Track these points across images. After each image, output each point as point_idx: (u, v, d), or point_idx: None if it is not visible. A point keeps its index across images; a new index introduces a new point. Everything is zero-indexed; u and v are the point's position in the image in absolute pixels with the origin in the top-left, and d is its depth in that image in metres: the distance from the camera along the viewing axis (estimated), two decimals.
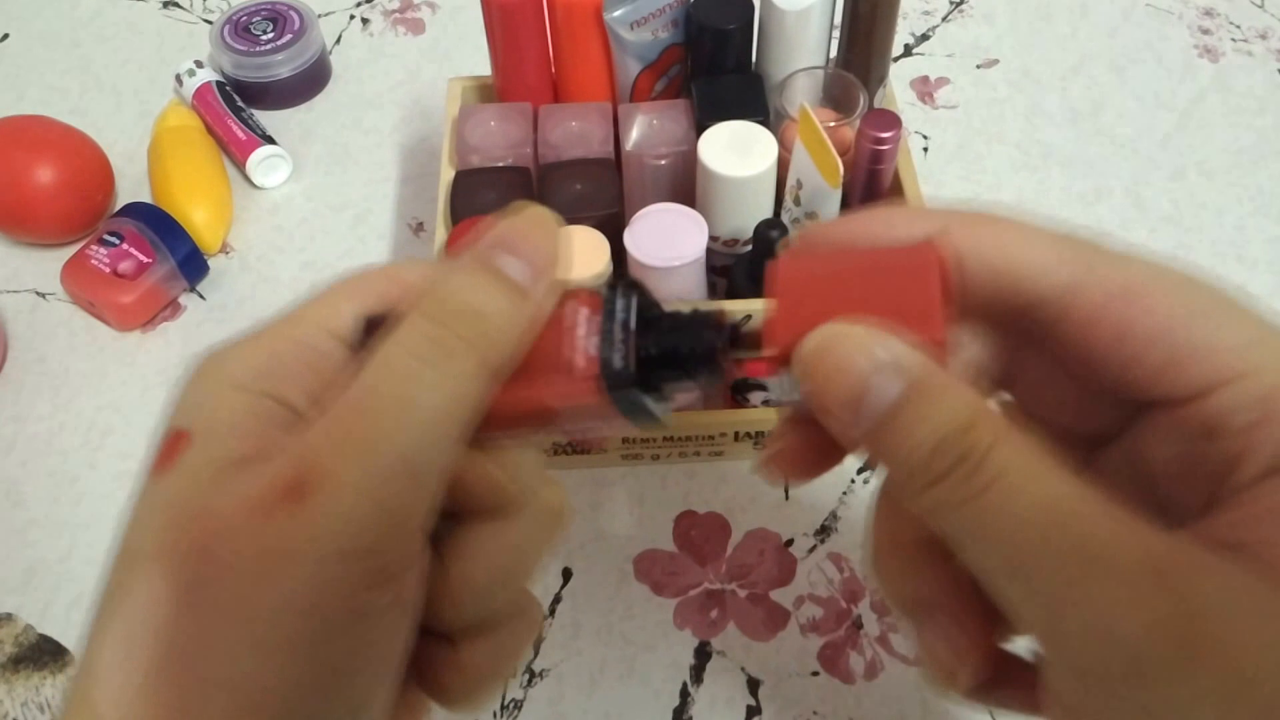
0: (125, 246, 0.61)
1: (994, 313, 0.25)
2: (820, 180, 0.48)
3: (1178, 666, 0.19)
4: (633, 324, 0.24)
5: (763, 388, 0.49)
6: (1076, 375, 0.24)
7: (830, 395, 0.22)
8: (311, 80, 0.74)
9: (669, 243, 0.49)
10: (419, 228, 0.67)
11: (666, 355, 0.24)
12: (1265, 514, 0.21)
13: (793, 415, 0.26)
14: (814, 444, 0.25)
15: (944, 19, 0.78)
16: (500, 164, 0.55)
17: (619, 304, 0.25)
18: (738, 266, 0.53)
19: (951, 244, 0.24)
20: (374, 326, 0.24)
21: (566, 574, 0.52)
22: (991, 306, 0.24)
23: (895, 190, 0.54)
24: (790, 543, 0.53)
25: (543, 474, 0.26)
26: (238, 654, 0.20)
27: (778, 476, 0.26)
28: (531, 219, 0.24)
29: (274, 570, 0.20)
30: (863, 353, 0.22)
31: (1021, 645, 0.25)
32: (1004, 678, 0.25)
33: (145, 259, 0.61)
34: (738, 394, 0.41)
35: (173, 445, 0.23)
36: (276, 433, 0.23)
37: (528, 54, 0.56)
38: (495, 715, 0.48)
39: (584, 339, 0.24)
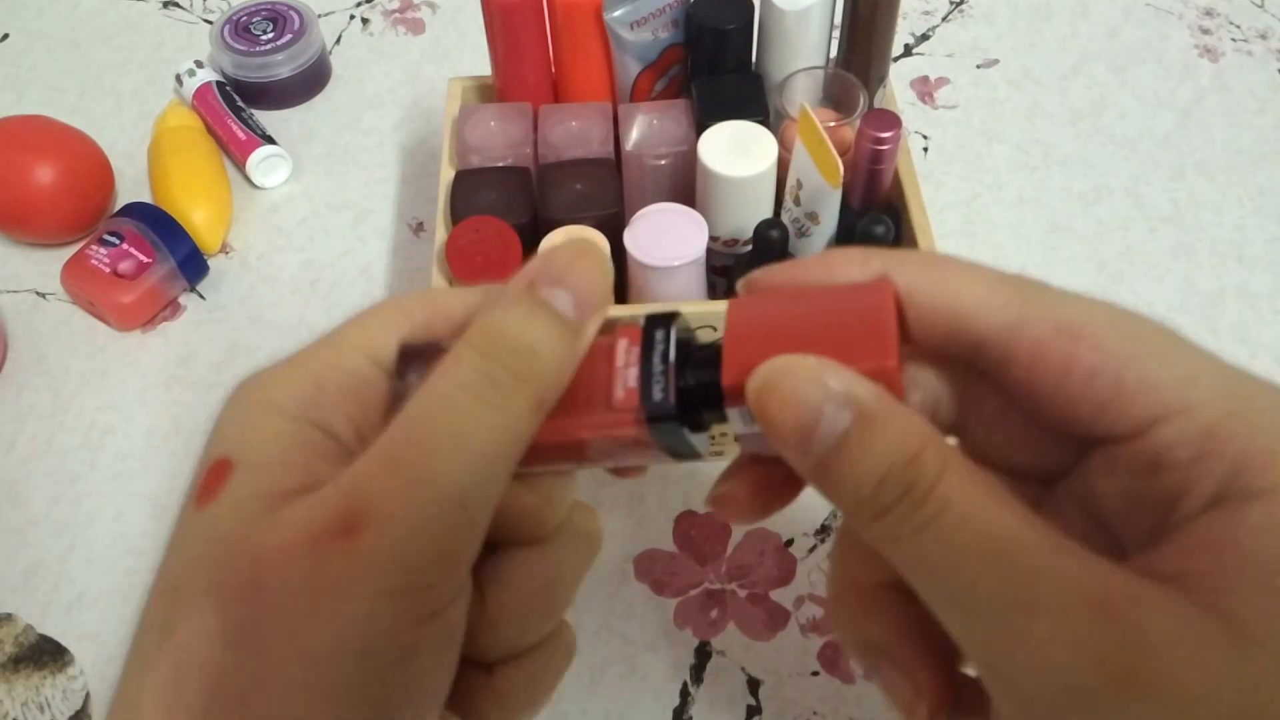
0: (125, 246, 0.61)
1: (942, 354, 0.25)
2: (820, 180, 0.48)
3: (1118, 697, 0.20)
4: (672, 355, 0.24)
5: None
6: (1025, 413, 0.25)
7: (781, 425, 0.22)
8: (311, 80, 0.74)
9: (669, 243, 0.49)
10: (419, 228, 0.67)
11: (706, 387, 0.24)
12: (1206, 546, 0.21)
13: (744, 456, 0.26)
14: (763, 484, 0.26)
15: (944, 19, 0.78)
16: (500, 164, 0.54)
17: (658, 335, 0.25)
18: (738, 267, 0.53)
19: (897, 284, 0.24)
20: (410, 355, 0.24)
21: None
22: (939, 348, 0.25)
23: (895, 190, 0.54)
24: (790, 543, 0.53)
25: (576, 500, 0.27)
26: (289, 694, 0.20)
27: (727, 517, 0.27)
28: (579, 250, 0.24)
29: (326, 608, 0.20)
30: (814, 383, 0.22)
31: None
32: (969, 705, 0.25)
33: (145, 259, 0.61)
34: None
35: (217, 475, 0.22)
36: (323, 464, 0.23)
37: (528, 54, 0.55)
38: None
39: (623, 370, 0.24)
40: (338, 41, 0.78)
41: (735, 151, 0.50)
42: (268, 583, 0.20)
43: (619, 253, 0.50)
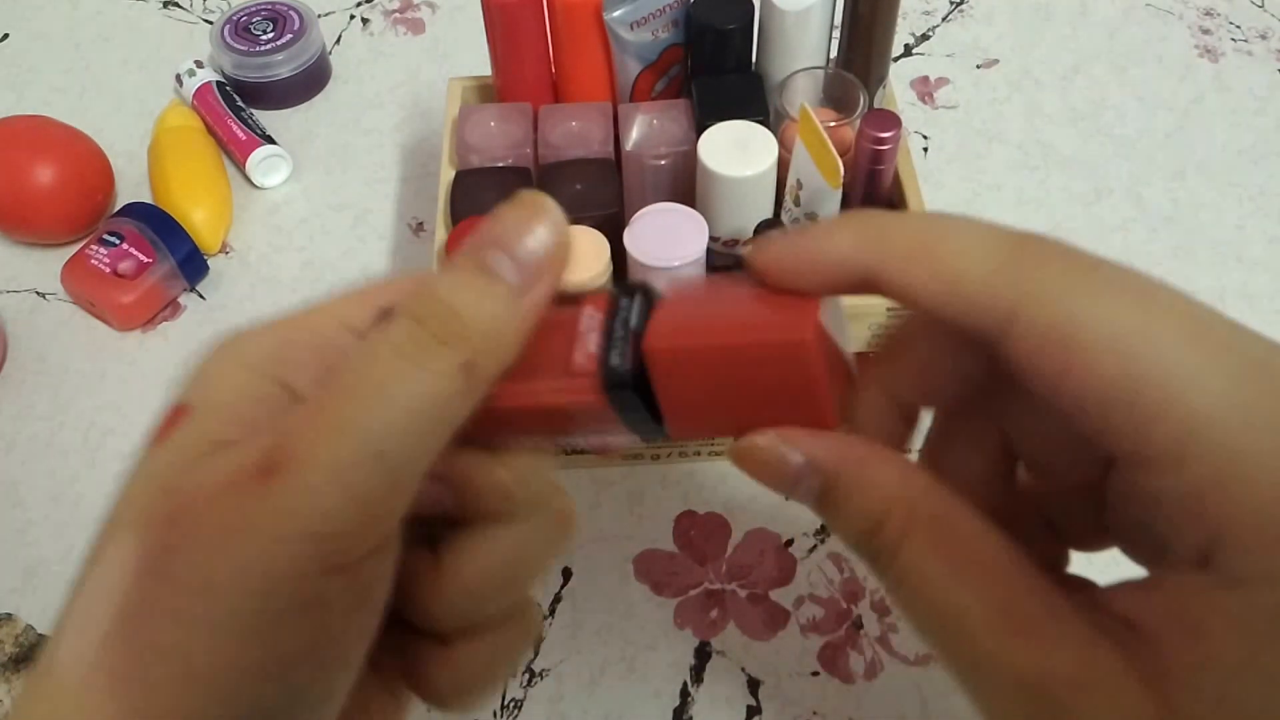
0: (125, 246, 0.61)
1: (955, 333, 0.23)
2: (820, 180, 0.48)
3: None
4: (633, 323, 0.24)
5: None
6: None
7: (769, 484, 0.24)
8: (311, 80, 0.74)
9: (669, 243, 0.49)
10: (419, 228, 0.67)
11: None
12: (1181, 618, 0.20)
13: None
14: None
15: (944, 19, 0.78)
16: (500, 164, 0.54)
17: (623, 302, 0.24)
18: (738, 267, 0.53)
19: (886, 270, 0.23)
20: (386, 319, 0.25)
21: (566, 574, 0.52)
22: (949, 328, 0.23)
23: (895, 190, 0.54)
24: (790, 543, 0.53)
25: (553, 483, 0.26)
26: (190, 626, 0.20)
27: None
28: (530, 210, 0.24)
29: (233, 546, 0.20)
30: (779, 456, 0.24)
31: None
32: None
33: (145, 259, 0.61)
34: None
35: (172, 420, 0.23)
36: (275, 417, 0.23)
37: (528, 54, 0.55)
38: (495, 715, 0.48)
39: (585, 335, 0.24)
40: (338, 41, 0.78)
41: (735, 151, 0.50)
42: (183, 518, 0.21)
43: (619, 253, 0.50)
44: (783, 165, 0.51)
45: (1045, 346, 0.21)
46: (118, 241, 0.61)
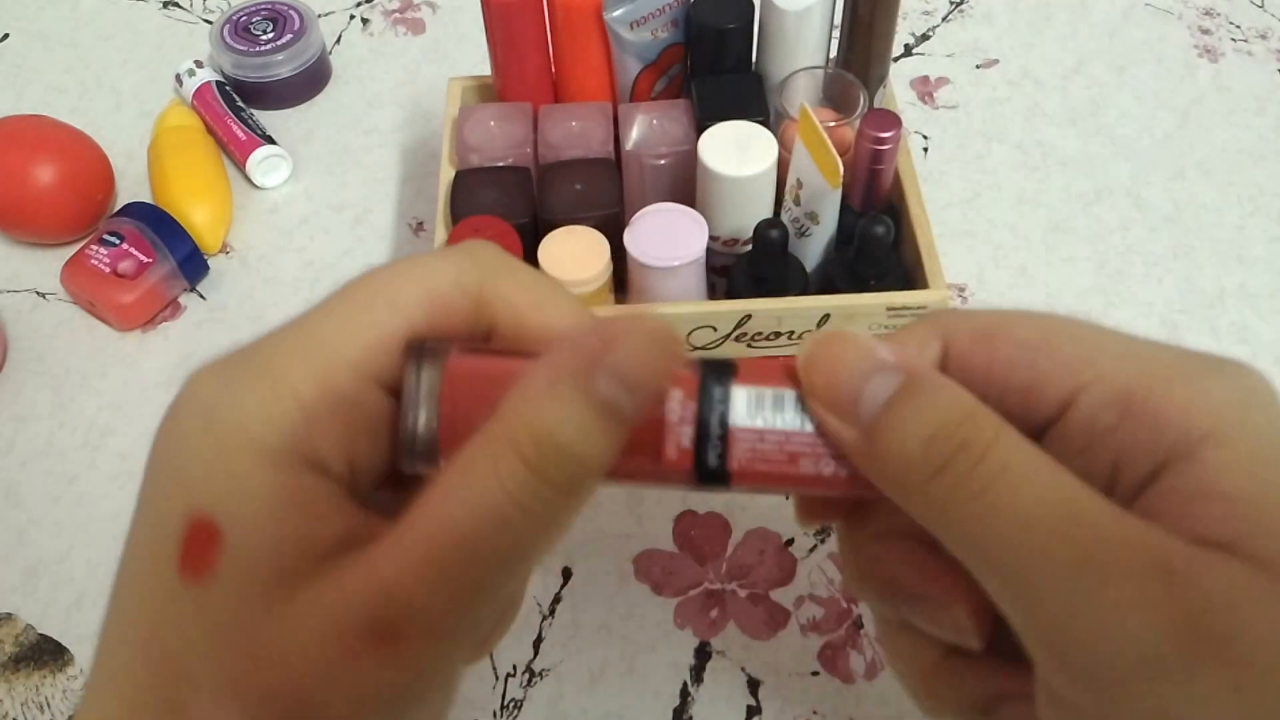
0: (125, 246, 0.61)
1: None
2: (820, 180, 0.48)
3: (1190, 664, 0.19)
4: (729, 420, 0.24)
5: None
6: None
7: (827, 394, 0.22)
8: (311, 80, 0.74)
9: (669, 243, 0.49)
10: (419, 227, 0.67)
11: None
12: (1186, 502, 0.21)
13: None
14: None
15: (944, 19, 0.78)
16: (500, 164, 0.55)
17: (716, 393, 0.24)
18: (738, 267, 0.53)
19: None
20: (419, 353, 0.23)
21: (566, 574, 0.52)
22: None
23: (895, 190, 0.54)
24: (790, 542, 0.53)
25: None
26: None
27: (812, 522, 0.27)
28: (646, 337, 0.21)
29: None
30: (860, 350, 0.22)
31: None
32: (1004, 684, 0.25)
33: (145, 259, 0.61)
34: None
35: (203, 544, 0.20)
36: (320, 514, 0.21)
37: (528, 54, 0.55)
38: (495, 715, 0.48)
39: (677, 427, 0.24)
40: (338, 41, 0.78)
41: (735, 151, 0.50)
42: (310, 695, 0.19)
43: (619, 253, 0.51)
44: (782, 165, 0.52)
45: (970, 347, 0.24)
46: (118, 241, 0.61)
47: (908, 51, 0.76)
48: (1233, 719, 0.19)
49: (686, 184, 0.53)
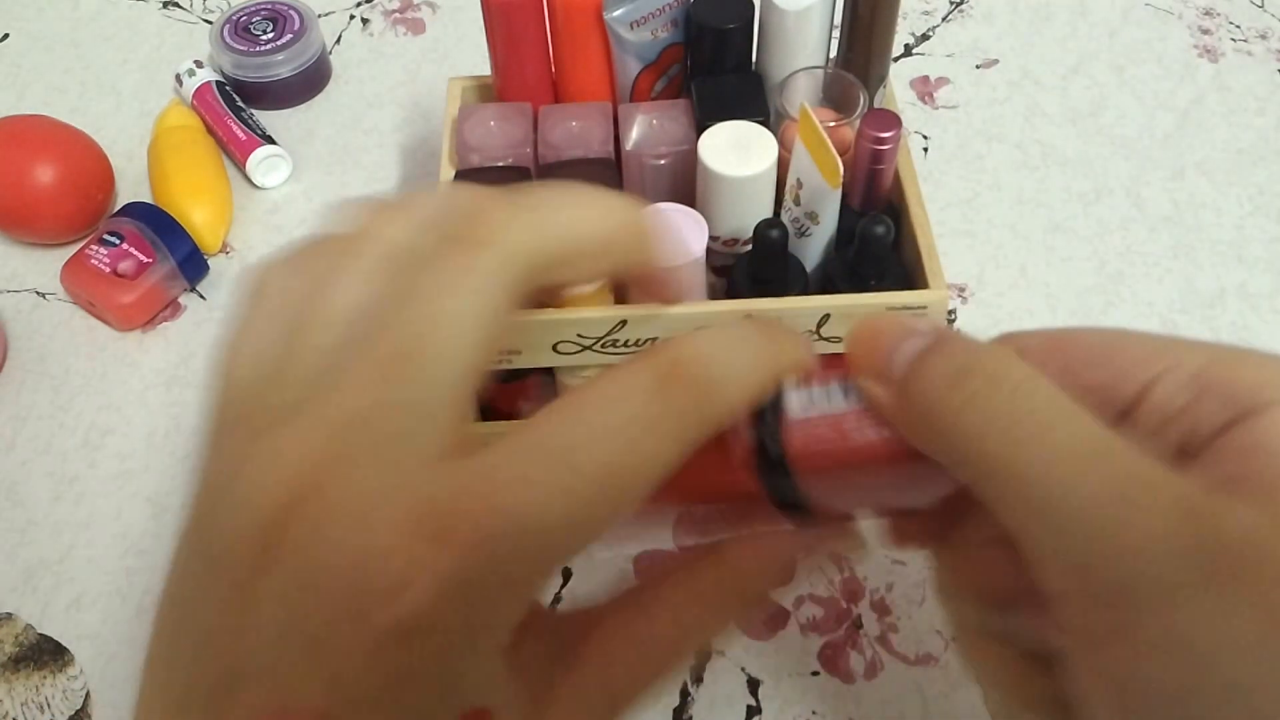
0: (125, 246, 0.61)
1: None
2: (820, 180, 0.48)
3: (1203, 589, 0.21)
4: (785, 413, 0.25)
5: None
6: None
7: (867, 359, 0.25)
8: (311, 80, 0.74)
9: (668, 243, 0.49)
10: None
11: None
12: (1234, 459, 0.23)
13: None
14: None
15: (944, 19, 0.78)
16: (500, 164, 0.54)
17: (769, 397, 0.25)
18: (738, 266, 0.53)
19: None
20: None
21: (566, 574, 0.52)
22: None
23: (896, 190, 0.54)
24: None
25: None
26: None
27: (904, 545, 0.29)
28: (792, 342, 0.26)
29: None
30: (898, 322, 0.25)
31: None
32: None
33: (145, 259, 0.61)
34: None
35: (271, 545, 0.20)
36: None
37: (527, 54, 0.55)
38: None
39: (740, 431, 0.25)
40: (338, 41, 0.78)
41: (736, 151, 0.50)
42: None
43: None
44: (782, 165, 0.51)
45: (1046, 355, 0.26)
46: (118, 241, 0.61)
47: (908, 51, 0.76)
48: (1237, 637, 0.21)
49: (686, 184, 0.53)
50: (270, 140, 0.69)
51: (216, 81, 0.72)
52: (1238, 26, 0.76)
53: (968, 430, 0.23)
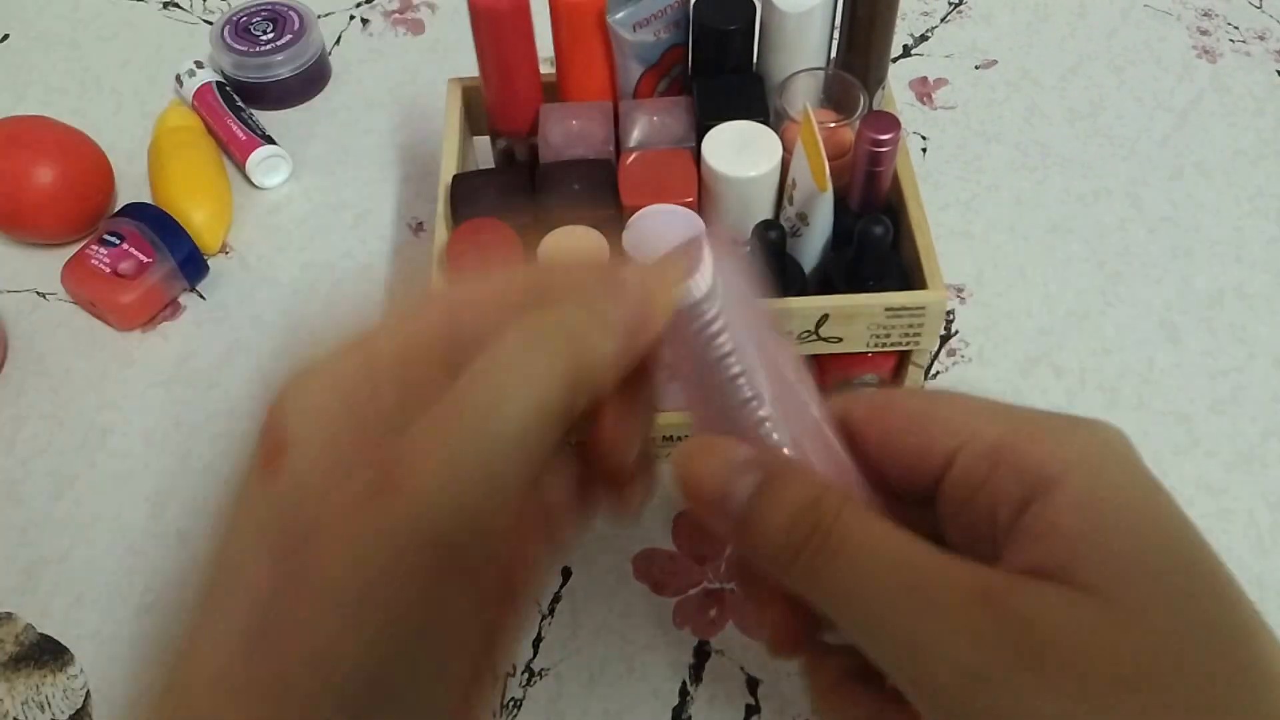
0: (125, 246, 0.61)
1: None
2: (811, 182, 0.48)
3: (1009, 672, 0.22)
4: None
5: None
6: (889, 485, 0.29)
7: (699, 498, 0.27)
8: (311, 80, 0.74)
9: (668, 243, 0.49)
10: (419, 228, 0.67)
11: None
12: (1036, 542, 0.24)
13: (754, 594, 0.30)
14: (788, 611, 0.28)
15: (943, 20, 0.78)
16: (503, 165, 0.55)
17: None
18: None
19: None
20: None
21: (566, 573, 0.52)
22: None
23: (894, 191, 0.54)
24: None
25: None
26: (324, 623, 0.22)
27: (790, 654, 0.30)
28: (644, 288, 0.27)
29: (361, 557, 0.22)
30: (721, 457, 0.26)
31: None
32: None
33: (145, 259, 0.61)
34: None
35: (274, 452, 0.24)
36: (371, 432, 0.24)
37: (518, 70, 0.55)
38: (495, 715, 0.48)
39: None
40: (337, 42, 0.78)
41: (740, 152, 0.50)
42: (317, 537, 0.23)
43: (618, 253, 0.51)
44: (783, 166, 0.52)
45: (867, 420, 0.29)
46: (118, 241, 0.61)
47: (906, 52, 0.76)
48: (1051, 718, 0.22)
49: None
50: (270, 140, 0.69)
51: (216, 82, 0.72)
52: (1236, 27, 0.77)
53: (804, 571, 0.25)
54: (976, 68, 0.74)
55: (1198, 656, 0.22)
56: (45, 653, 0.51)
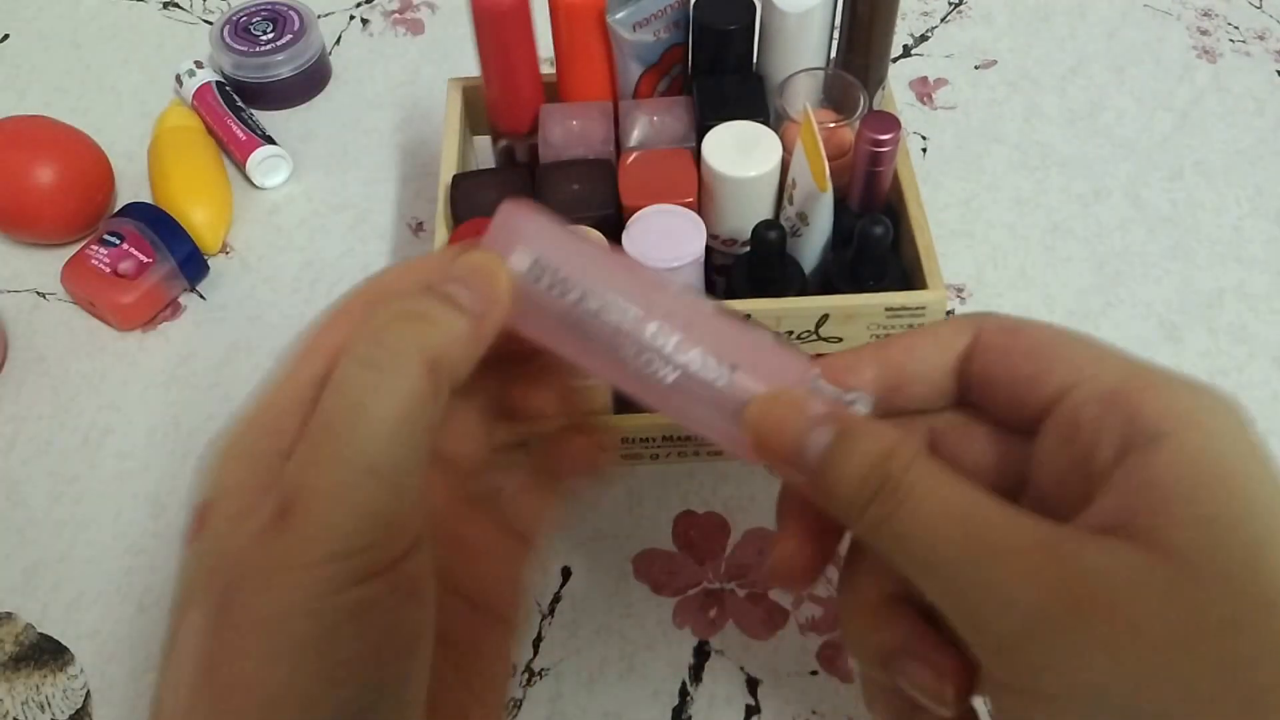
0: (125, 246, 0.61)
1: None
2: (811, 182, 0.48)
3: (1067, 623, 0.22)
4: None
5: None
6: (992, 408, 0.29)
7: (777, 452, 0.27)
8: (311, 80, 0.74)
9: (668, 244, 0.49)
10: (419, 228, 0.67)
11: None
12: (1127, 492, 0.24)
13: (784, 507, 0.30)
14: (810, 536, 0.29)
15: (943, 20, 0.78)
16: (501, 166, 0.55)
17: None
18: (737, 267, 0.53)
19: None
20: None
21: (566, 573, 0.52)
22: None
23: (894, 191, 0.54)
24: None
25: None
26: (253, 659, 0.23)
27: (788, 585, 0.30)
28: (477, 263, 0.27)
29: (273, 583, 0.23)
30: (798, 409, 0.27)
31: None
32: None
33: (145, 259, 0.61)
34: None
35: (201, 518, 0.25)
36: (275, 471, 0.25)
37: (518, 70, 0.55)
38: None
39: None
40: (338, 42, 0.78)
41: (740, 152, 0.50)
42: (234, 578, 0.23)
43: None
44: (783, 166, 0.52)
45: (995, 334, 0.29)
46: (118, 241, 0.61)
47: (906, 52, 0.76)
48: (1101, 674, 0.22)
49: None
50: (270, 140, 0.69)
51: (216, 82, 0.72)
52: (1236, 27, 0.77)
53: (875, 520, 0.25)
54: (976, 68, 0.75)
55: (1257, 635, 0.22)
56: (45, 653, 0.51)
